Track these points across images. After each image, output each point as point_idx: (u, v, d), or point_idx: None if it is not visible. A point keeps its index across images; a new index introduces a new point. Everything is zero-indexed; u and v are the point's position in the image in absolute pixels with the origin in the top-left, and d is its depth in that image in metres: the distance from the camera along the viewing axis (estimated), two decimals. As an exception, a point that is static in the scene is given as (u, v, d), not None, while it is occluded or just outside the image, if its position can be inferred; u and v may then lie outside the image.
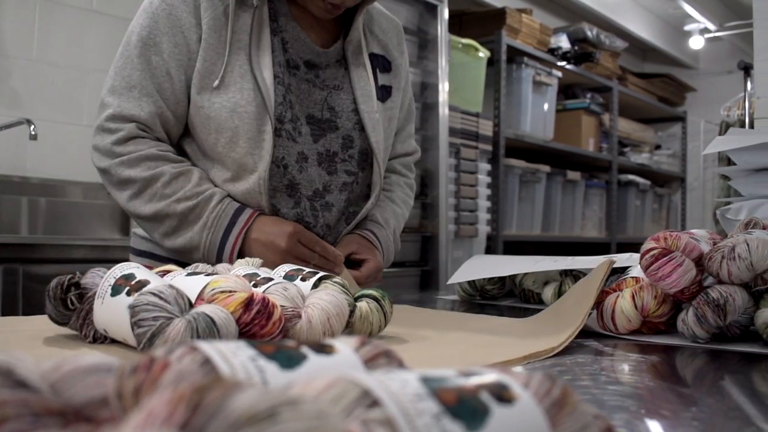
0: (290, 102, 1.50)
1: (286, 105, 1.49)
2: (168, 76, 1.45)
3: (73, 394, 0.33)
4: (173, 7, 1.44)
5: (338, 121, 1.56)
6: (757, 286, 1.00)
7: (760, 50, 2.05)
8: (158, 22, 1.45)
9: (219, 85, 1.44)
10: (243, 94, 1.44)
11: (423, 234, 3.92)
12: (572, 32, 5.46)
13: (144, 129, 1.46)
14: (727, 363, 0.91)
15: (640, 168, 6.54)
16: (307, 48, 1.54)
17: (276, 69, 1.48)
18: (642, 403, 0.68)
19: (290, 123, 1.50)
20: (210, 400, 0.27)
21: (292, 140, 1.50)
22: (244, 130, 1.43)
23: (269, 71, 1.45)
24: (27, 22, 3.27)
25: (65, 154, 3.36)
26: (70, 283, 0.94)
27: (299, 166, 1.52)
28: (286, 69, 1.51)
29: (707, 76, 7.79)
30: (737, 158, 1.50)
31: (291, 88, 1.51)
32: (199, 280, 0.90)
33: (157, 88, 1.45)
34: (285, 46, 1.52)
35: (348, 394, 0.32)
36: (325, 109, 1.55)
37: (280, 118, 1.48)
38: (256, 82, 1.44)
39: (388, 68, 1.67)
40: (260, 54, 1.46)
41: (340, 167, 1.57)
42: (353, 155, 1.58)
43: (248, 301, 0.83)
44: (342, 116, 1.56)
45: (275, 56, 1.49)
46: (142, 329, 0.80)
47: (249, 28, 1.46)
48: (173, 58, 1.44)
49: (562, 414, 0.35)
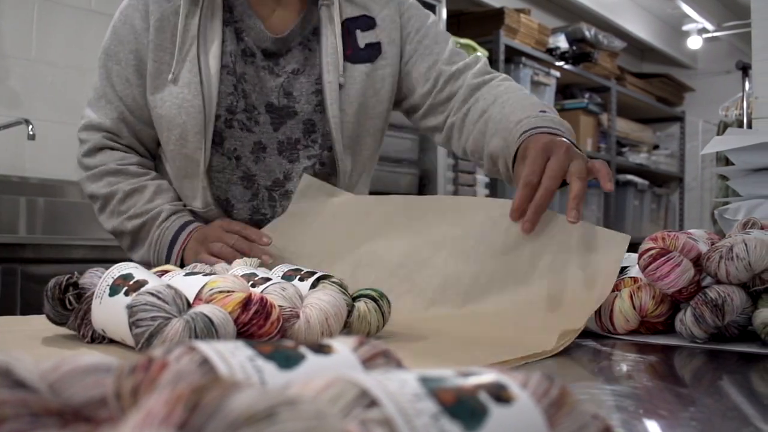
0: (243, 91, 1.48)
1: (237, 95, 1.47)
2: (128, 82, 1.49)
3: (71, 394, 0.33)
4: (127, 16, 1.50)
5: (296, 106, 1.51)
6: (755, 286, 1.00)
7: (758, 50, 2.05)
8: (117, 33, 1.51)
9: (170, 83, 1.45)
10: (190, 89, 1.44)
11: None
12: (570, 32, 5.46)
13: (112, 138, 1.53)
14: (725, 363, 0.91)
15: (639, 168, 6.55)
16: (263, 36, 1.50)
17: (226, 59, 1.47)
18: (640, 403, 0.68)
19: (244, 113, 1.48)
20: (208, 400, 0.27)
21: (246, 131, 1.49)
22: (191, 125, 1.44)
23: (216, 61, 1.45)
24: (26, 22, 3.26)
25: (64, 154, 3.35)
26: (68, 283, 0.93)
27: (255, 157, 1.50)
28: (241, 58, 1.49)
29: (705, 76, 7.79)
30: (735, 158, 1.50)
31: (245, 77, 1.49)
32: (197, 279, 0.90)
33: (120, 95, 1.50)
34: (240, 35, 1.50)
35: (346, 394, 0.32)
36: (281, 95, 1.51)
37: (231, 109, 1.47)
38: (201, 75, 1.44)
39: (372, 24, 1.56)
40: (208, 46, 1.46)
41: (303, 153, 1.53)
42: (316, 139, 1.52)
43: (246, 301, 0.83)
44: (300, 101, 1.51)
45: (226, 46, 1.47)
46: (140, 329, 0.80)
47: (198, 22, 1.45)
48: (129, 65, 1.49)
49: (560, 414, 0.35)
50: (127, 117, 1.51)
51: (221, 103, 1.46)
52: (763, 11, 2.01)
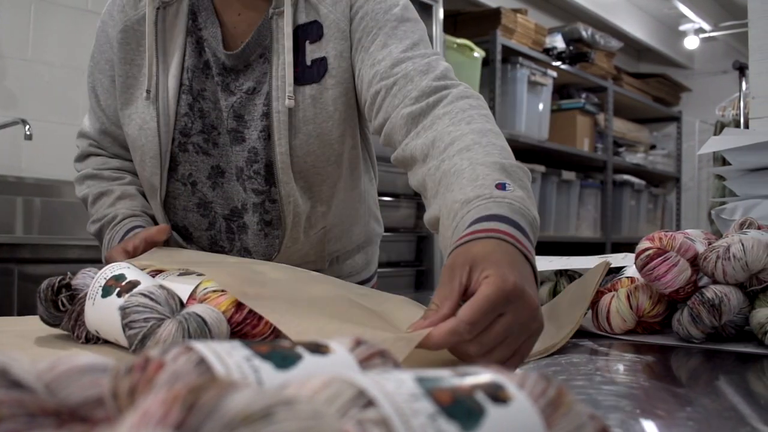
0: (201, 111, 1.33)
1: (194, 115, 1.33)
2: (108, 92, 1.43)
3: (68, 394, 0.33)
4: (105, 24, 1.43)
5: (245, 131, 1.32)
6: (752, 286, 1.00)
7: (755, 50, 2.05)
8: (98, 39, 1.45)
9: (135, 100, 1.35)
10: (149, 109, 1.32)
11: (418, 234, 3.92)
12: (567, 32, 5.46)
13: (96, 146, 1.50)
14: (722, 363, 0.91)
15: (635, 168, 6.55)
16: (220, 50, 1.33)
17: (184, 76, 1.33)
18: (637, 403, 0.68)
19: (201, 134, 1.34)
20: (205, 400, 0.27)
21: (203, 153, 1.35)
22: (148, 148, 1.33)
23: (175, 80, 1.32)
24: (22, 22, 3.26)
25: (60, 154, 3.34)
26: (60, 284, 0.93)
27: (212, 182, 1.36)
28: (202, 73, 1.33)
29: (702, 76, 7.80)
30: (732, 158, 1.50)
31: (204, 94, 1.34)
32: (190, 279, 0.90)
33: (103, 106, 1.45)
34: (202, 45, 1.34)
35: (343, 394, 0.32)
36: (231, 117, 1.32)
37: (186, 131, 1.33)
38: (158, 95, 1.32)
39: (320, 34, 1.30)
40: (168, 61, 1.33)
41: (248, 186, 1.34)
42: (259, 171, 1.32)
43: (240, 301, 0.83)
44: (250, 126, 1.32)
45: (187, 60, 1.33)
46: (133, 331, 0.80)
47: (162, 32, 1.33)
48: (105, 75, 1.43)
49: (557, 414, 0.35)
50: (108, 128, 1.45)
51: (176, 125, 1.33)
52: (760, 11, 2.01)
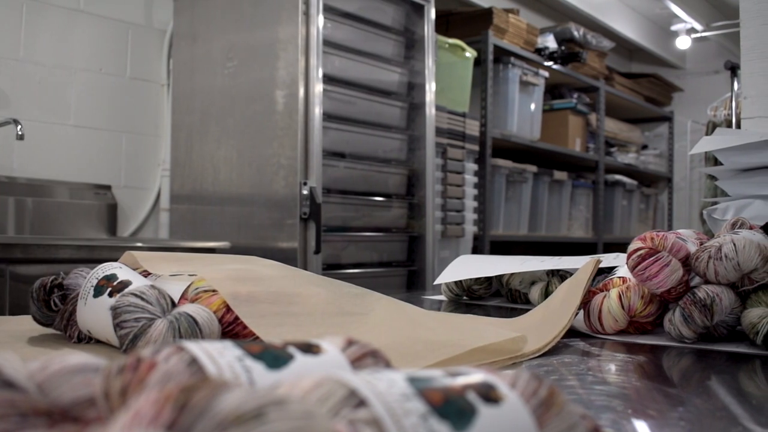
0: None
1: None
2: None
3: (60, 393, 0.33)
4: None
5: None
6: (744, 286, 1.00)
7: (747, 50, 2.05)
8: None
9: None
10: None
11: (410, 234, 3.92)
12: (559, 32, 5.47)
13: None
14: (713, 363, 0.91)
15: (627, 168, 6.57)
16: None
17: None
18: (629, 403, 0.68)
19: None
20: (197, 400, 0.27)
21: None
22: None
23: None
24: (14, 22, 3.25)
25: (52, 154, 3.35)
26: (53, 284, 0.93)
27: None
28: None
29: (694, 76, 7.82)
30: (724, 158, 1.50)
31: None
32: (182, 279, 0.90)
33: None
34: None
35: (335, 394, 0.32)
36: None
37: None
38: None
39: None
40: None
41: None
42: None
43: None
44: None
45: None
46: (124, 331, 0.80)
47: None
48: None
49: (549, 414, 0.35)
50: None
51: None
52: (752, 11, 2.01)
